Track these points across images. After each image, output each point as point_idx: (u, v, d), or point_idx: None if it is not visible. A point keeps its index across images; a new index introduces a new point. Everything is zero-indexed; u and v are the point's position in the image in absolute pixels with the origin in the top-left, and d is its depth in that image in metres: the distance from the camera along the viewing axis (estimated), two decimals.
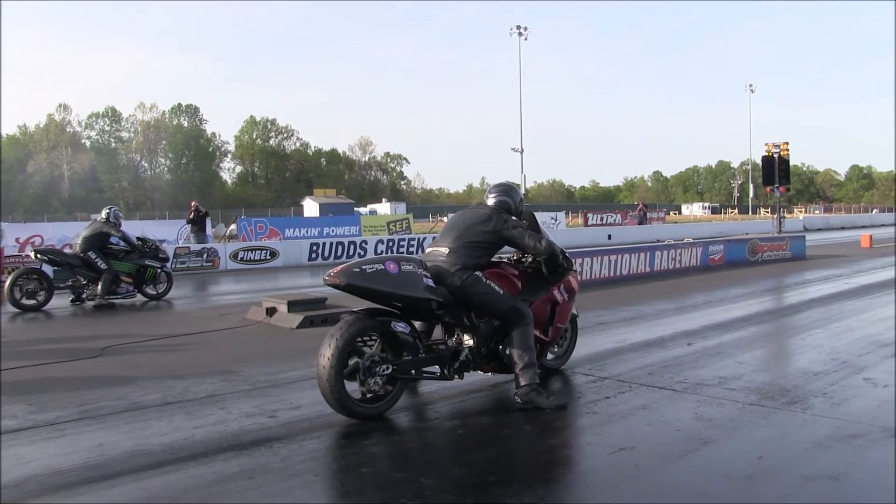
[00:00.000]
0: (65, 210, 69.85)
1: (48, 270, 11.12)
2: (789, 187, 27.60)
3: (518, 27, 53.05)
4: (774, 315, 9.05)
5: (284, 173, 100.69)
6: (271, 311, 8.82)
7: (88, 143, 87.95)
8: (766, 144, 25.19)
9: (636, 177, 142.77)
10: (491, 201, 5.20)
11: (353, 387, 4.33)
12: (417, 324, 4.82)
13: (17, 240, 20.51)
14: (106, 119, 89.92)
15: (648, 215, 42.73)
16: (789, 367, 5.98)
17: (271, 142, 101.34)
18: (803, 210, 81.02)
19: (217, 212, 46.62)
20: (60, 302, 10.98)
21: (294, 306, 8.66)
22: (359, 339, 4.36)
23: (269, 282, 15.48)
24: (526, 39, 53.30)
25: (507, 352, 4.78)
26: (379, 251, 21.32)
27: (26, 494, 3.32)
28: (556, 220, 36.42)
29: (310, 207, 62.76)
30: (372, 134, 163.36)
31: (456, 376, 4.78)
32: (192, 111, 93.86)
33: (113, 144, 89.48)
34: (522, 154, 52.74)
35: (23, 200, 72.66)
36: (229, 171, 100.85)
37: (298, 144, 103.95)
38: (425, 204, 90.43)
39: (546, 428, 4.29)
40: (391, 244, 22.14)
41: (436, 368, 4.74)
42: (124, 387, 5.48)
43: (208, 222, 23.55)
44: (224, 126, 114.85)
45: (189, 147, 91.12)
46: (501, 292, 4.76)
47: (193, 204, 23.25)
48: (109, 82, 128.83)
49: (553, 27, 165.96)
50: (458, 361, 4.73)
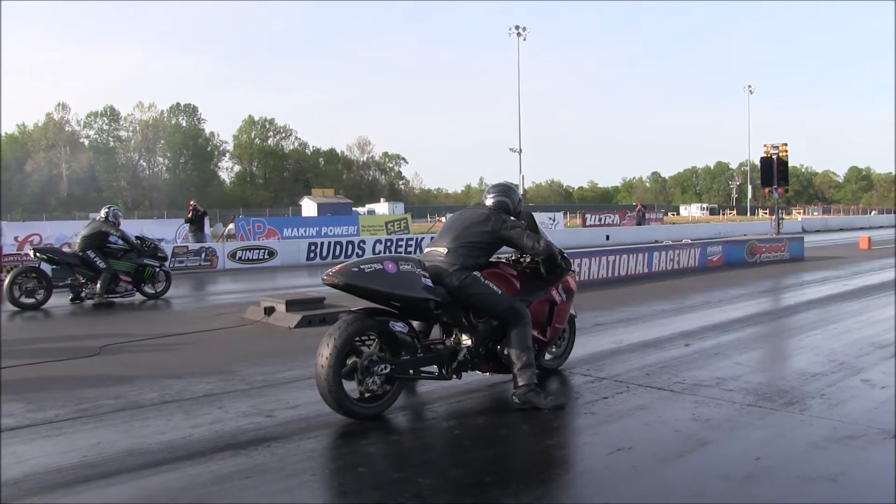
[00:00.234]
0: (63, 209, 69.86)
1: (47, 269, 11.12)
2: (788, 188, 27.64)
3: (517, 27, 53.20)
4: (772, 316, 9.06)
5: (283, 173, 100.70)
6: (269, 311, 8.82)
7: (87, 143, 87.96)
8: (765, 145, 25.25)
9: (634, 177, 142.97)
10: (489, 202, 5.20)
11: (352, 386, 4.33)
12: (416, 323, 4.83)
13: (16, 238, 20.52)
14: (104, 118, 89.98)
15: (647, 216, 42.76)
16: (787, 369, 5.99)
17: (270, 141, 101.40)
18: (802, 211, 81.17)
19: (215, 211, 46.56)
20: (59, 301, 10.98)
21: (292, 306, 8.66)
22: (357, 339, 4.36)
23: (267, 281, 15.48)
24: (525, 40, 53.52)
25: (505, 352, 4.78)
26: (377, 251, 21.30)
27: (24, 492, 3.32)
28: (555, 221, 36.46)
29: (308, 207, 62.73)
30: (370, 134, 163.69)
31: (454, 376, 4.78)
32: (191, 110, 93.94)
33: (111, 144, 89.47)
34: (521, 154, 52.86)
35: (21, 199, 72.65)
36: (227, 171, 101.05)
37: (297, 144, 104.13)
38: (423, 204, 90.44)
39: (544, 428, 4.29)
40: (389, 244, 22.13)
41: (434, 368, 4.74)
42: (122, 385, 5.48)
43: (206, 222, 23.54)
44: (222, 125, 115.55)
45: (187, 146, 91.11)
46: (500, 292, 4.76)
47: (192, 203, 23.25)
48: (109, 82, 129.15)
49: (552, 27, 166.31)
50: (457, 361, 4.73)
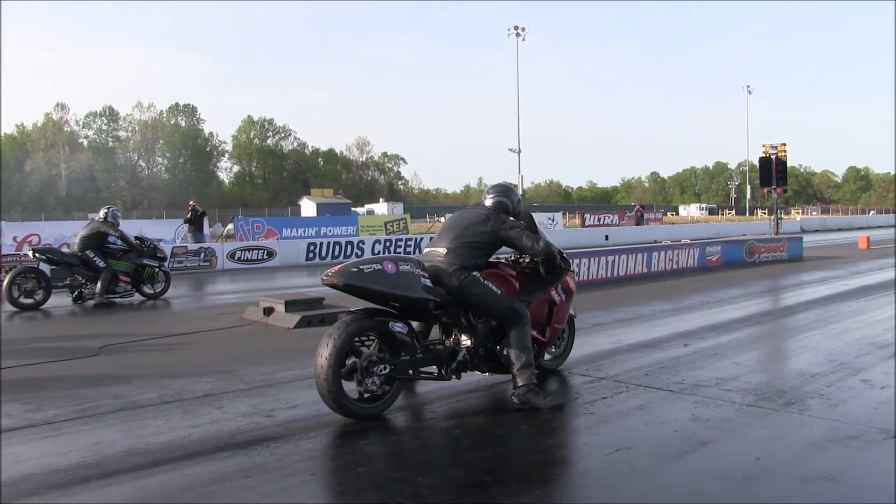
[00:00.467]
0: (62, 209, 69.82)
1: (45, 269, 11.10)
2: (786, 188, 27.67)
3: (516, 27, 53.21)
4: (771, 316, 9.07)
5: (282, 173, 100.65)
6: (268, 311, 8.81)
7: (86, 143, 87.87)
8: (764, 146, 25.29)
9: (633, 178, 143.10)
10: (489, 202, 5.20)
11: (351, 386, 4.33)
12: (415, 324, 4.82)
13: (14, 239, 20.53)
14: (103, 118, 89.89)
15: (645, 216, 42.78)
16: (786, 369, 5.99)
17: (269, 141, 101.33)
18: (800, 211, 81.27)
19: (214, 211, 46.58)
20: (58, 301, 10.97)
21: (291, 306, 8.66)
22: (356, 339, 4.36)
23: (267, 281, 15.47)
24: (524, 40, 53.55)
25: (505, 352, 4.78)
26: (376, 251, 21.31)
27: (23, 493, 3.32)
28: (554, 221, 36.50)
29: (307, 207, 62.72)
30: (369, 134, 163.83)
31: (453, 376, 4.78)
32: (190, 111, 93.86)
33: (110, 144, 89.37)
34: (520, 155, 52.85)
35: (20, 199, 72.58)
36: (227, 171, 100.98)
37: (296, 144, 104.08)
38: (423, 204, 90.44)
39: (543, 428, 4.29)
40: (388, 244, 22.13)
41: (433, 368, 4.74)
42: (121, 386, 5.47)
43: (205, 222, 23.53)
44: (221, 126, 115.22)
45: (186, 146, 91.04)
46: (499, 292, 4.76)
47: (191, 203, 23.24)
48: (109, 82, 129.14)
49: (551, 27, 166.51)
50: (456, 361, 4.73)
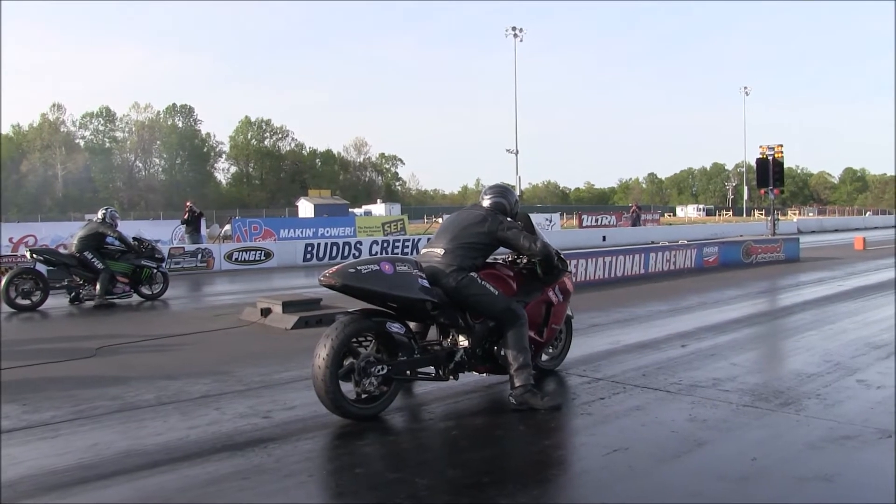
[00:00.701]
0: (58, 210, 69.72)
1: (42, 270, 11.08)
2: (783, 189, 27.71)
3: (513, 28, 53.13)
4: (768, 317, 9.08)
5: (279, 174, 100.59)
6: (266, 312, 8.80)
7: (82, 143, 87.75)
8: (761, 147, 25.36)
9: (631, 178, 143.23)
10: (486, 203, 5.20)
11: (349, 387, 4.33)
12: (412, 324, 4.82)
13: (11, 240, 20.46)
14: (100, 119, 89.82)
15: (643, 217, 42.81)
16: (783, 369, 6.00)
17: (266, 142, 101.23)
18: (797, 212, 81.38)
19: (211, 212, 46.58)
20: (55, 302, 10.94)
21: (289, 307, 8.65)
22: (354, 340, 4.36)
23: (264, 282, 15.45)
24: (521, 41, 53.43)
25: (502, 353, 4.78)
26: (374, 252, 21.29)
27: (20, 494, 3.31)
28: (551, 222, 36.56)
29: (304, 208, 62.72)
30: (367, 135, 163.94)
31: (451, 377, 4.78)
32: (187, 111, 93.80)
33: (107, 144, 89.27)
34: (517, 155, 52.81)
35: (16, 200, 72.44)
36: (224, 172, 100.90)
37: (293, 145, 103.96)
38: (420, 205, 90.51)
39: (540, 429, 4.30)
40: (386, 245, 22.12)
41: (431, 369, 4.75)
42: (119, 387, 5.47)
43: (203, 223, 23.50)
44: (219, 126, 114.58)
45: (183, 147, 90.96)
46: (496, 293, 4.77)
47: (188, 204, 23.20)
48: (106, 82, 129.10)
49: (549, 28, 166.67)
50: (453, 362, 4.73)
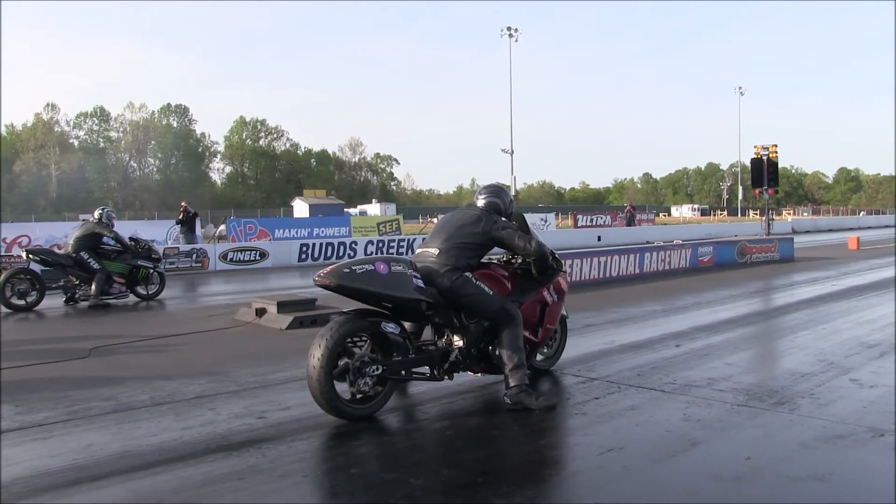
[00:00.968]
0: (52, 210, 69.46)
1: (36, 269, 11.03)
2: (778, 189, 27.78)
3: (509, 28, 53.19)
4: (762, 317, 9.10)
5: (274, 174, 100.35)
6: (261, 312, 8.79)
7: (77, 143, 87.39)
8: (755, 147, 25.38)
9: (626, 178, 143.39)
10: (481, 203, 5.21)
11: (343, 387, 4.33)
12: (407, 324, 4.83)
13: (4, 240, 20.37)
14: (94, 119, 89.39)
15: (637, 217, 42.86)
16: (777, 369, 6.03)
17: (261, 142, 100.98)
18: (792, 212, 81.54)
19: (206, 212, 46.35)
20: (50, 302, 10.90)
21: (284, 307, 8.64)
22: (349, 340, 4.36)
23: (259, 282, 15.43)
24: (516, 41, 53.51)
25: (497, 353, 4.78)
26: (369, 252, 21.28)
27: (14, 496, 3.30)
28: (546, 222, 36.54)
29: (299, 208, 62.68)
30: (362, 134, 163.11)
31: (446, 377, 4.79)
32: (182, 111, 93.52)
33: (101, 144, 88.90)
34: (512, 155, 52.89)
35: (9, 200, 72.13)
36: (219, 172, 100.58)
37: (288, 145, 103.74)
38: (415, 205, 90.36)
39: (535, 429, 4.30)
40: (381, 245, 22.12)
41: (426, 369, 4.75)
42: (113, 387, 5.45)
43: (198, 223, 23.44)
44: (214, 126, 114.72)
45: (178, 147, 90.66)
46: (491, 293, 4.77)
47: (183, 204, 23.15)
48: (102, 82, 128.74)
49: (545, 28, 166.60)
50: (448, 362, 4.74)
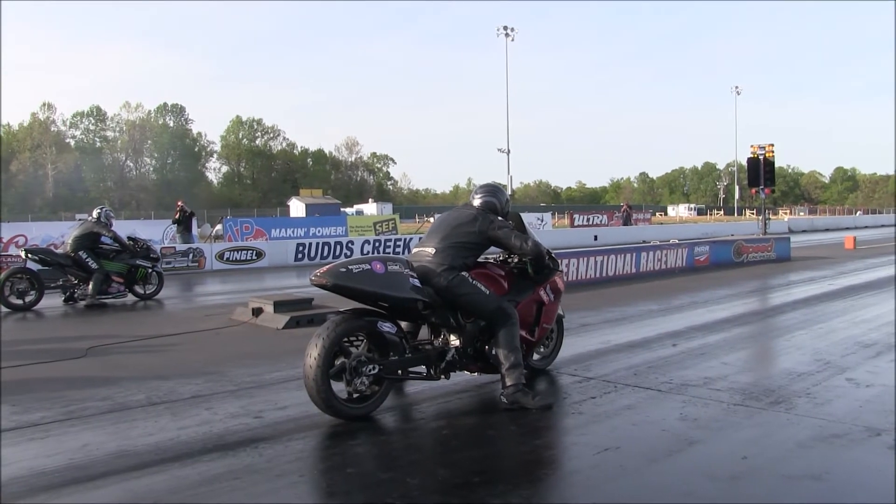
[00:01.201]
0: (49, 210, 69.32)
1: (33, 268, 11.00)
2: (774, 189, 27.82)
3: (505, 28, 53.10)
4: (759, 316, 9.12)
5: (271, 173, 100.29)
6: (257, 312, 8.78)
7: (73, 143, 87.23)
8: (752, 146, 25.40)
9: (622, 178, 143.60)
10: (477, 202, 5.21)
11: (340, 387, 4.33)
12: (404, 324, 4.83)
13: (0, 240, 20.34)
14: (91, 118, 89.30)
15: (634, 216, 42.91)
16: (773, 368, 6.03)
17: (257, 142, 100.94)
18: (788, 212, 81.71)
19: (203, 212, 46.38)
20: (48, 302, 10.86)
21: (280, 307, 8.63)
22: (345, 340, 4.36)
23: (255, 282, 15.42)
24: (513, 40, 53.34)
25: (493, 352, 4.78)
26: (365, 251, 21.26)
27: (10, 496, 3.30)
28: (543, 221, 36.57)
29: (296, 208, 62.52)
30: (359, 134, 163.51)
31: (442, 376, 4.79)
32: (178, 111, 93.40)
33: (98, 144, 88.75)
34: (509, 155, 52.83)
35: (6, 200, 71.95)
36: (215, 171, 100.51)
37: (285, 144, 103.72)
38: (412, 204, 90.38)
39: (531, 428, 4.30)
40: (377, 244, 22.10)
41: (422, 368, 4.74)
42: (109, 387, 5.45)
43: (194, 222, 23.41)
44: (210, 126, 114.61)
45: (175, 147, 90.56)
46: (488, 292, 4.77)
47: (179, 204, 23.13)
48: (99, 81, 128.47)
49: (541, 28, 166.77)
50: (445, 362, 4.74)
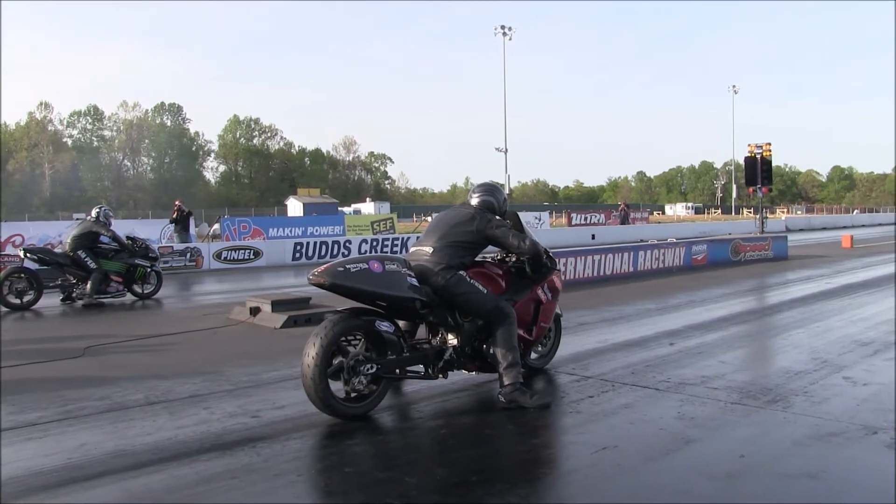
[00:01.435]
0: (46, 209, 69.20)
1: (31, 267, 10.98)
2: (772, 188, 27.82)
3: (502, 27, 53.14)
4: (756, 315, 9.12)
5: (268, 173, 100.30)
6: (255, 311, 8.78)
7: (70, 142, 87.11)
8: (749, 145, 25.41)
9: (620, 177, 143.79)
10: (475, 201, 5.21)
11: (338, 386, 4.33)
12: (402, 323, 4.83)
13: None
14: (88, 118, 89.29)
15: (631, 215, 42.95)
16: (771, 367, 6.04)
17: (255, 141, 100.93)
18: (785, 210, 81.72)
19: (200, 211, 46.37)
20: (46, 301, 10.84)
21: (278, 306, 8.63)
22: (343, 339, 4.36)
23: (253, 281, 15.40)
24: (510, 40, 53.44)
25: (491, 351, 4.78)
26: (363, 251, 21.26)
27: (8, 496, 3.29)
28: (540, 220, 36.61)
29: (293, 207, 62.53)
30: (356, 133, 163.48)
31: (440, 375, 4.79)
32: (176, 110, 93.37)
33: (95, 143, 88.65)
34: (507, 154, 52.86)
35: (3, 199, 71.79)
36: (213, 171, 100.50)
37: (282, 144, 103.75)
38: (409, 204, 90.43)
39: (529, 427, 4.31)
40: (375, 244, 22.09)
41: (420, 368, 4.75)
42: (107, 387, 5.44)
43: (191, 222, 23.38)
44: (207, 125, 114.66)
45: (172, 146, 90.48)
46: (485, 292, 4.77)
47: (177, 203, 23.08)
48: (96, 81, 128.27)
49: (539, 27, 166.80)
50: (443, 361, 4.74)
